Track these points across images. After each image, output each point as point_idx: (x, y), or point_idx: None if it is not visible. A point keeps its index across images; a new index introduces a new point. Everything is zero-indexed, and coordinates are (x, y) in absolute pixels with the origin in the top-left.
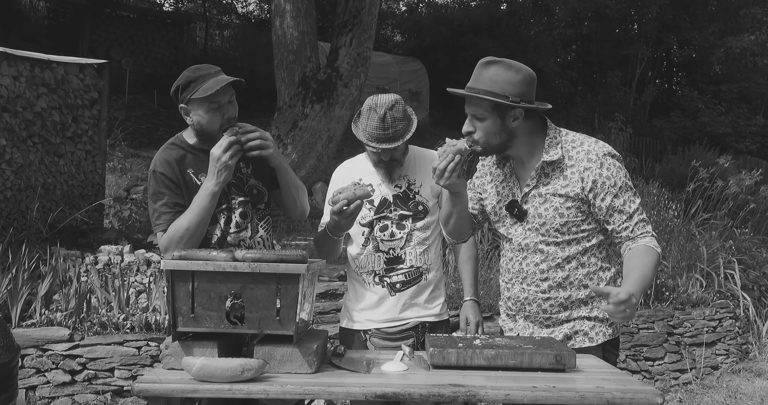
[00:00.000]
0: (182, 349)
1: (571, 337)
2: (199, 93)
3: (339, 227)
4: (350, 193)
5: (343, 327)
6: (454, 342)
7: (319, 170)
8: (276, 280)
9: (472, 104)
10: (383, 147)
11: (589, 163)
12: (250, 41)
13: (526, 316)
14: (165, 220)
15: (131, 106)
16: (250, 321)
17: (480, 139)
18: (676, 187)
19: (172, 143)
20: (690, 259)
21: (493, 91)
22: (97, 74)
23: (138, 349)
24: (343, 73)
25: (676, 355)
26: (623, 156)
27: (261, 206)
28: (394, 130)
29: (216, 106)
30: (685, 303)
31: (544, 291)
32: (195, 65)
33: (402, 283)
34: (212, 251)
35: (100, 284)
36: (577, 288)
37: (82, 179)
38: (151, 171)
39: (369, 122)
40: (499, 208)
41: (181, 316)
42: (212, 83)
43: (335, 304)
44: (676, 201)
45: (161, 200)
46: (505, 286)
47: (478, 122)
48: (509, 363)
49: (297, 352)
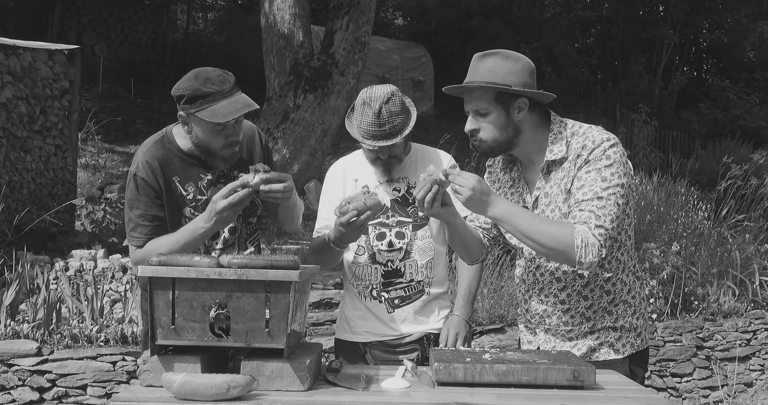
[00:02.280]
0: (162, 364)
1: (595, 349)
2: (206, 116)
3: (345, 239)
4: (360, 203)
5: (340, 339)
6: (461, 356)
7: (312, 167)
8: (265, 287)
9: (473, 99)
10: (379, 145)
11: (583, 151)
12: (237, 25)
13: (547, 330)
14: (140, 233)
15: (105, 96)
16: (237, 333)
17: (486, 137)
18: (706, 185)
19: (160, 141)
20: (721, 265)
21: (494, 81)
22: (67, 61)
23: (113, 365)
24: (339, 60)
25: (706, 370)
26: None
27: (253, 220)
28: (391, 126)
29: (221, 129)
30: (716, 313)
31: (563, 301)
32: (203, 70)
33: (401, 298)
34: (195, 256)
35: (71, 292)
36: (599, 296)
37: (51, 177)
38: (132, 173)
39: (363, 118)
40: None
41: (161, 327)
42: (224, 108)
43: (330, 315)
44: (705, 201)
45: (138, 210)
46: (522, 297)
47: (481, 119)
48: (522, 379)
49: (288, 368)
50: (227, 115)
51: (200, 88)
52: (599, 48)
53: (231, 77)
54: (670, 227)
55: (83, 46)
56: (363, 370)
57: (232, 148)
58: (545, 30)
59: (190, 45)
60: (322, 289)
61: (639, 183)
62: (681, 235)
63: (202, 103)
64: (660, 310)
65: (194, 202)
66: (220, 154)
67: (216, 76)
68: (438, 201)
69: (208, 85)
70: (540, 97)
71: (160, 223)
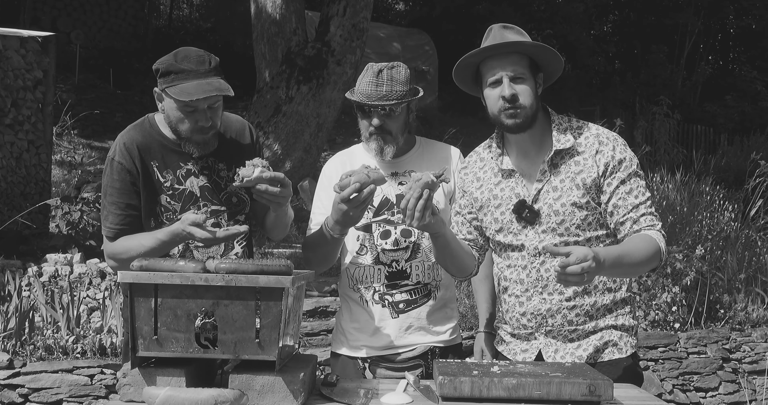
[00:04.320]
0: (143, 377)
1: (600, 349)
2: (174, 92)
3: (346, 220)
4: (363, 176)
5: (336, 352)
6: (467, 369)
7: (306, 164)
8: (255, 295)
9: (511, 63)
10: (373, 103)
11: (601, 146)
12: (225, 10)
13: (548, 331)
14: (112, 223)
15: (82, 87)
16: (225, 344)
17: (526, 103)
18: (733, 184)
19: (140, 125)
20: (749, 271)
21: None
22: (41, 49)
23: (90, 378)
24: (335, 49)
25: (732, 384)
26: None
27: (240, 218)
28: (388, 89)
29: (190, 110)
30: (744, 323)
31: (569, 298)
32: (186, 48)
33: (406, 302)
34: (179, 261)
35: (46, 300)
36: (601, 292)
37: (23, 175)
38: (109, 157)
39: (363, 79)
40: (499, 214)
41: (142, 338)
42: (193, 88)
43: (326, 324)
44: (732, 201)
45: (112, 197)
46: (516, 300)
47: (518, 85)
48: (533, 394)
49: (280, 382)
50: (192, 95)
51: (174, 63)
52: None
53: (214, 60)
54: (693, 229)
55: (58, 33)
56: (361, 384)
57: (202, 134)
58: (559, 16)
59: (174, 32)
60: (318, 296)
61: (660, 182)
62: (706, 238)
63: (174, 79)
64: (683, 319)
65: (171, 191)
66: (191, 137)
67: (195, 56)
68: (429, 208)
69: (184, 63)
70: (549, 79)
71: (133, 212)
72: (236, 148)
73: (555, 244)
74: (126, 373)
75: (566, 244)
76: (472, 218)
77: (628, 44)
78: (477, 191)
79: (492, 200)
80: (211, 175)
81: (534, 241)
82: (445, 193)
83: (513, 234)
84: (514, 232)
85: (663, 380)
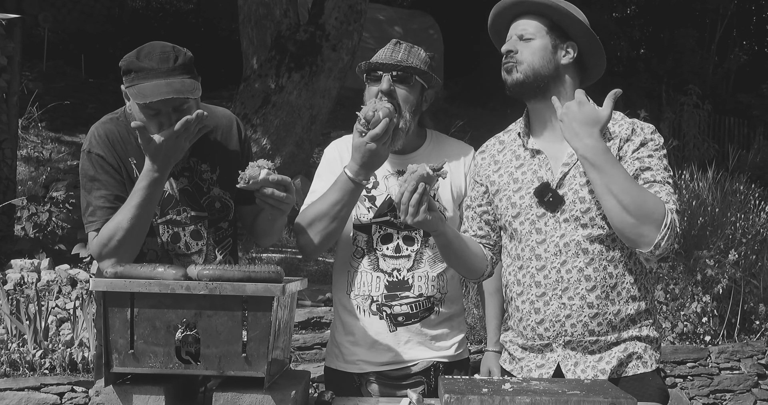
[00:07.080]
0: (118, 396)
1: (624, 362)
2: (132, 93)
3: (374, 162)
4: (386, 110)
5: (331, 367)
6: (476, 386)
7: (298, 160)
8: (242, 304)
9: (522, 24)
10: (383, 61)
11: (633, 136)
12: None
13: (567, 342)
14: (101, 216)
15: (51, 75)
16: (208, 359)
17: (524, 58)
18: None
19: (116, 118)
20: None
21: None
22: (5, 33)
23: (60, 396)
24: (330, 33)
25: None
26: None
27: (223, 225)
28: (404, 57)
29: (153, 113)
30: None
31: (591, 304)
32: (154, 44)
33: (406, 315)
34: (158, 267)
35: (10, 310)
36: (626, 301)
37: None
38: (85, 151)
39: (379, 51)
40: (518, 198)
41: (117, 352)
42: (150, 89)
43: (320, 337)
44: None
45: (98, 191)
46: (531, 306)
47: (523, 43)
48: None
49: (269, 400)
50: (147, 97)
51: (135, 60)
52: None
53: (182, 57)
54: (726, 232)
55: (24, 16)
56: (359, 403)
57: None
58: None
59: (152, 14)
60: (311, 306)
61: (689, 179)
62: (740, 242)
63: (134, 78)
64: (714, 331)
65: None
66: None
67: (159, 52)
68: (424, 204)
69: (145, 60)
70: (591, 57)
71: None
72: (222, 148)
73: (580, 241)
74: (99, 391)
75: (590, 237)
76: (483, 212)
77: (654, 28)
78: (494, 174)
79: (511, 184)
80: (192, 177)
81: (554, 232)
82: (454, 199)
83: (530, 221)
84: (531, 219)
85: (692, 399)
